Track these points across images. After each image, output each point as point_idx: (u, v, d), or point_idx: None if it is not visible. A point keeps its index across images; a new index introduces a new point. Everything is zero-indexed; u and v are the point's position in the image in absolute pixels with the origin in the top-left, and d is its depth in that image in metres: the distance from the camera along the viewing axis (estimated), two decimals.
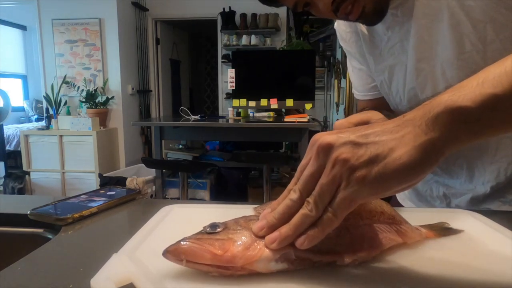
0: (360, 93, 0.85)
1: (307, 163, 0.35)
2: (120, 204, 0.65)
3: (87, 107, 4.37)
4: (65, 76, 4.50)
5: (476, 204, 0.71)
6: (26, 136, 4.15)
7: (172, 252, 0.34)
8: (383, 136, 0.33)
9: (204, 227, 0.37)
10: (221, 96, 5.37)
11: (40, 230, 0.57)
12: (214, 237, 0.36)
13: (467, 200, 0.71)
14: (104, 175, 3.69)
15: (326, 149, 0.34)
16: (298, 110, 3.28)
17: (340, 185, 0.33)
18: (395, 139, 0.32)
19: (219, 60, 5.29)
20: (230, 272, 0.34)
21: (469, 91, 0.32)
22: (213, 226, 0.37)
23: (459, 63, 0.58)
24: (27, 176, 4.07)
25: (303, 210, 0.34)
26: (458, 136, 0.32)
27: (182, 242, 0.35)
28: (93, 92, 4.41)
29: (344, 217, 0.33)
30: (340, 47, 0.89)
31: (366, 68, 0.78)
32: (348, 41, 0.77)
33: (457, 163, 0.71)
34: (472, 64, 0.57)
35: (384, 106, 0.83)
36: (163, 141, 3.11)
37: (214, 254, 0.34)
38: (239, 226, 0.38)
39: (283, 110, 3.37)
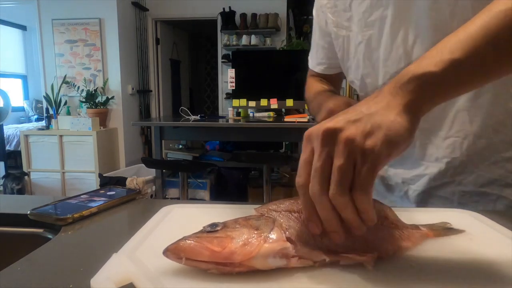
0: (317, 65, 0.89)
1: (310, 157, 0.36)
2: (120, 204, 0.65)
3: (87, 107, 4.37)
4: (65, 76, 4.50)
5: (435, 189, 0.69)
6: (26, 136, 4.15)
7: (172, 251, 0.35)
8: (372, 108, 0.37)
9: (204, 227, 0.38)
10: (221, 96, 5.37)
11: (40, 230, 0.57)
12: (213, 235, 0.36)
13: (424, 184, 0.70)
14: (104, 175, 3.69)
15: (331, 135, 0.35)
16: (298, 110, 3.28)
17: (355, 162, 0.34)
18: (383, 107, 0.36)
19: (219, 60, 5.29)
20: (228, 268, 0.35)
21: (431, 59, 0.38)
22: (213, 225, 0.38)
23: (431, 13, 0.59)
24: (25, 177, 4.07)
25: (335, 201, 0.34)
26: (429, 96, 0.37)
27: (181, 241, 0.36)
28: (93, 92, 4.41)
29: (372, 189, 0.34)
30: None
31: (335, 40, 0.78)
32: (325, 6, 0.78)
33: None
34: (441, 15, 0.58)
35: (332, 83, 0.88)
36: (163, 141, 3.11)
37: (212, 251, 0.34)
38: (237, 225, 0.38)
39: (283, 110, 3.37)
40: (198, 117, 3.17)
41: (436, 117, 0.67)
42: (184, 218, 0.54)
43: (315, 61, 0.90)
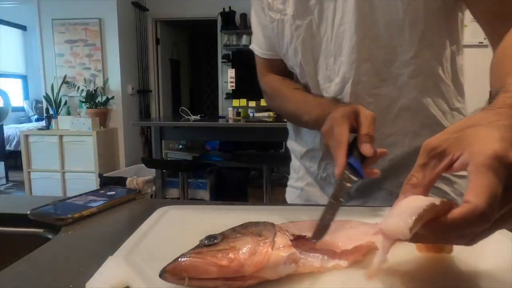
0: (261, 50, 0.84)
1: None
2: (120, 204, 0.65)
3: (87, 107, 4.37)
4: (65, 76, 4.50)
5: (378, 183, 0.69)
6: (26, 136, 4.15)
7: (172, 271, 0.32)
8: None
9: (201, 241, 0.35)
10: (221, 96, 5.36)
11: (40, 230, 0.57)
12: (215, 248, 0.33)
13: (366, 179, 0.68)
14: (104, 175, 3.69)
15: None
16: None
17: None
18: None
19: (219, 60, 5.29)
20: (239, 283, 0.32)
21: None
22: (211, 238, 0.35)
23: (384, 10, 0.60)
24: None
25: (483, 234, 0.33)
26: None
27: (181, 259, 0.32)
28: (93, 92, 4.41)
29: None
30: None
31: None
32: None
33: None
34: (394, 14, 0.60)
35: (280, 69, 0.83)
36: (163, 141, 3.11)
37: (220, 266, 0.31)
38: (238, 234, 0.35)
39: None
40: (198, 117, 3.17)
41: (380, 115, 0.66)
42: (180, 220, 0.53)
43: (268, 46, 0.84)
